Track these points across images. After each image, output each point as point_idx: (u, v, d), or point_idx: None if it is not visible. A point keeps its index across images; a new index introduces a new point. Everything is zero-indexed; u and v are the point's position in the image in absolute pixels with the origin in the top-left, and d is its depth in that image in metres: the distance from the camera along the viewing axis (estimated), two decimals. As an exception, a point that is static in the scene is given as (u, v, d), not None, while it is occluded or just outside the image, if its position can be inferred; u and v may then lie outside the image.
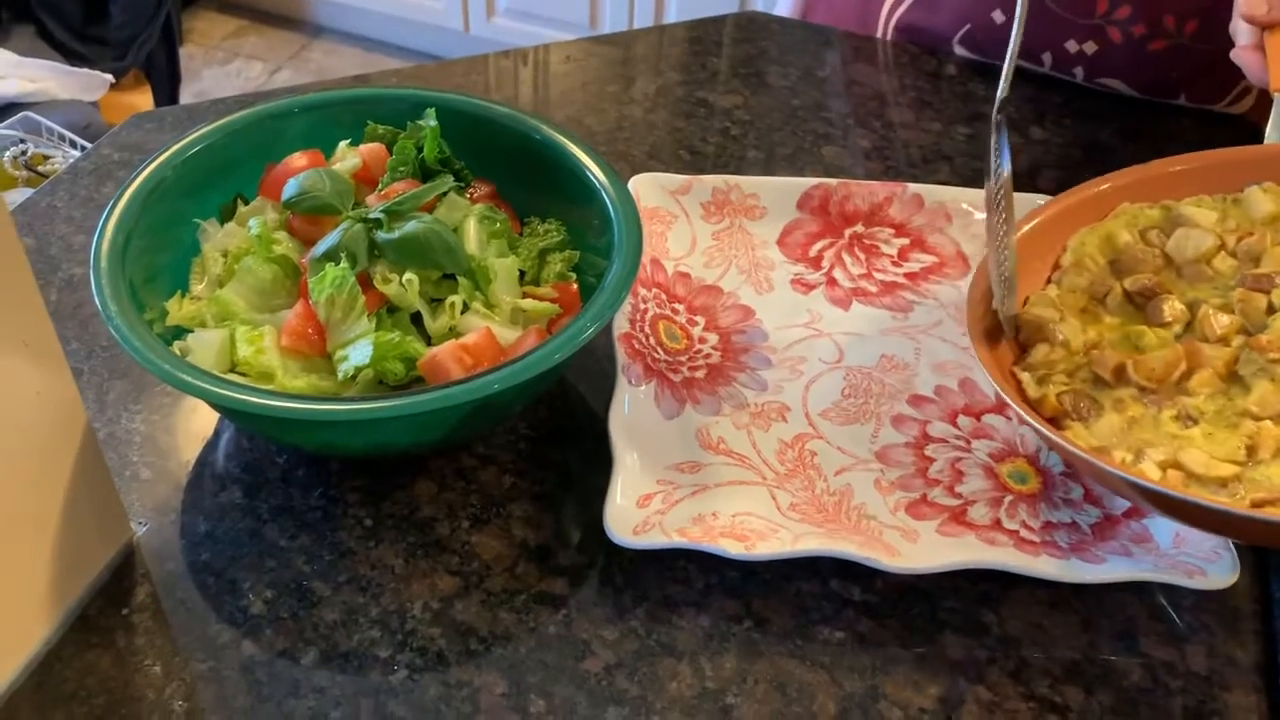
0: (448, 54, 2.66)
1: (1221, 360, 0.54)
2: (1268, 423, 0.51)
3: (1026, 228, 0.61)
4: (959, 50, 0.92)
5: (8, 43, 1.70)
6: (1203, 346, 0.55)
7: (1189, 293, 0.58)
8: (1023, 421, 0.53)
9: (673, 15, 2.30)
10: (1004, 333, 0.58)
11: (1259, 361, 0.53)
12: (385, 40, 2.73)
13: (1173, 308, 0.57)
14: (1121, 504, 0.56)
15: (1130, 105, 0.86)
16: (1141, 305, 0.58)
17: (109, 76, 1.68)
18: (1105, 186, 0.62)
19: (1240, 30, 0.68)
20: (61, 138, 1.49)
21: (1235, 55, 0.68)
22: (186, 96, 2.25)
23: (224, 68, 2.65)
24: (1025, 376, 0.56)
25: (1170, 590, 0.54)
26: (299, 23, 2.81)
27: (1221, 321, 0.55)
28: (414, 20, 2.59)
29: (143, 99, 1.82)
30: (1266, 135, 0.65)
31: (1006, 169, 0.60)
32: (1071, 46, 0.87)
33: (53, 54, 1.72)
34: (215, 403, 0.49)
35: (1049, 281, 0.61)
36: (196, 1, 2.83)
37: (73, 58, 1.73)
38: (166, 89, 1.92)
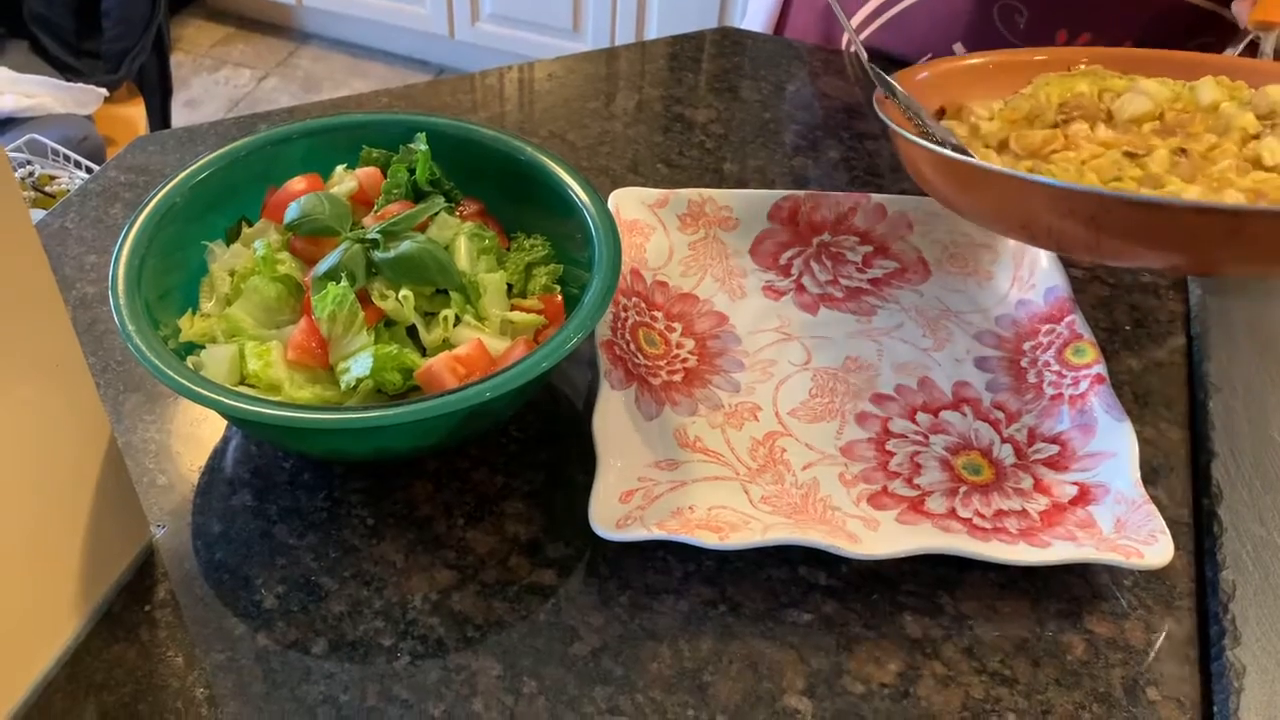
0: (434, 59, 2.69)
1: (1089, 151, 0.60)
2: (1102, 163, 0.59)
3: (995, 59, 0.68)
4: None
5: (2, 59, 1.72)
6: (1080, 139, 0.61)
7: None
8: (886, 128, 0.60)
9: (654, 19, 2.33)
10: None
11: (1114, 155, 0.60)
12: (372, 46, 2.75)
13: (1081, 126, 0.63)
14: (1069, 492, 0.60)
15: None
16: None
17: (103, 90, 1.70)
18: (1081, 56, 0.69)
19: None
20: (66, 158, 1.52)
21: (1235, 6, 0.73)
22: (177, 105, 2.27)
23: (212, 75, 2.67)
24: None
25: (1112, 571, 0.58)
26: (286, 29, 2.83)
27: (1106, 134, 0.61)
28: (400, 26, 2.61)
29: (136, 111, 1.84)
30: None
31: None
32: None
33: (47, 69, 1.74)
34: (229, 414, 0.53)
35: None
36: (184, 10, 2.85)
37: (67, 72, 1.75)
38: (159, 100, 1.94)
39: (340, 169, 0.67)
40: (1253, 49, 0.71)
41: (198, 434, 0.63)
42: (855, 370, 0.67)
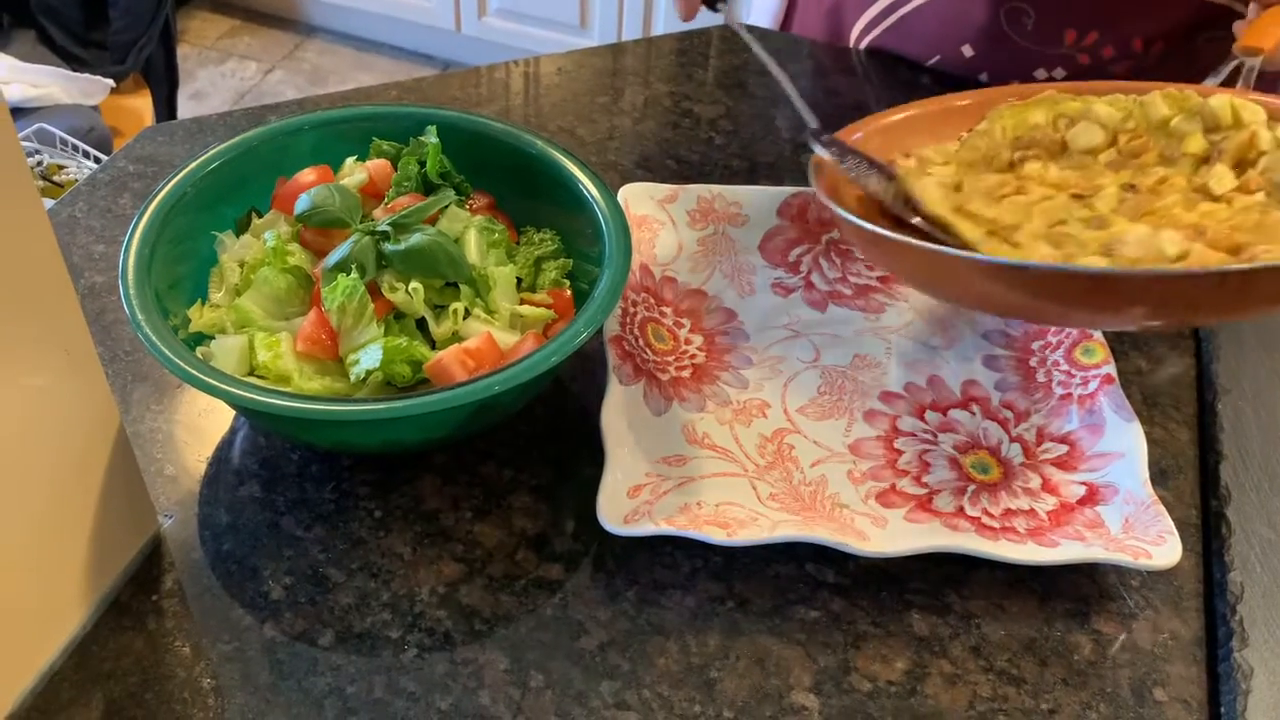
0: (440, 53, 2.68)
1: (1040, 194, 0.59)
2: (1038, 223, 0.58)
3: (925, 110, 0.68)
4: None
5: (9, 48, 1.72)
6: (1032, 181, 0.60)
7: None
8: (820, 200, 0.60)
9: (660, 15, 2.33)
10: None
11: (1062, 199, 0.58)
12: (378, 39, 2.75)
13: (1035, 166, 0.62)
14: (1077, 492, 0.59)
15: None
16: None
17: (110, 81, 1.70)
18: (1008, 94, 0.67)
19: (1251, 9, 0.72)
20: (75, 148, 1.52)
21: (1236, 28, 0.73)
22: (183, 98, 2.27)
23: (218, 68, 2.67)
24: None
25: (1120, 571, 0.58)
26: (292, 22, 2.83)
27: (1056, 175, 0.60)
28: (406, 20, 2.60)
29: (142, 102, 1.84)
30: None
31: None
32: (1040, 75, 0.90)
33: (53, 59, 1.74)
34: (239, 405, 0.53)
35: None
36: (190, 2, 2.84)
37: (73, 62, 1.75)
38: (165, 91, 1.93)
39: (350, 161, 0.67)
40: (1232, 79, 0.70)
41: (205, 424, 0.63)
42: (864, 368, 0.66)
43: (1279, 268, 0.48)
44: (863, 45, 0.98)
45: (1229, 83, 0.68)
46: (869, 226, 0.56)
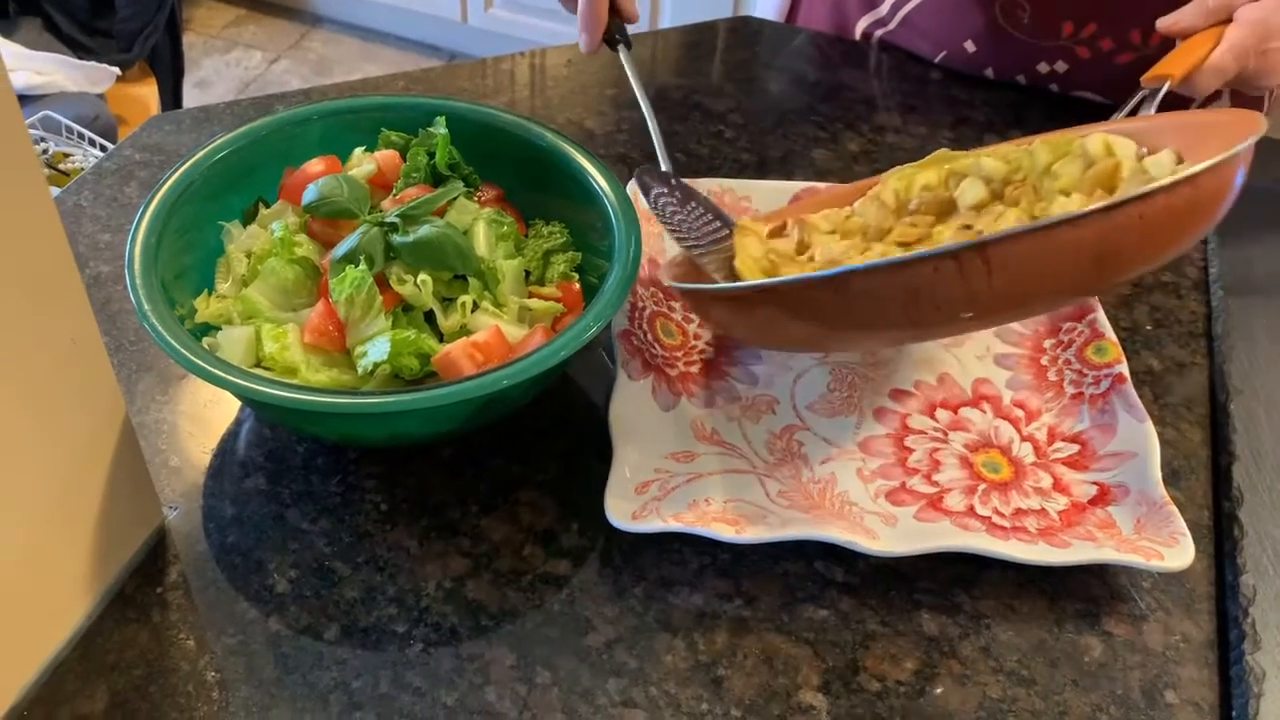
0: (446, 44, 2.67)
1: (879, 251, 0.60)
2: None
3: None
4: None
5: (15, 35, 1.71)
6: (877, 245, 0.61)
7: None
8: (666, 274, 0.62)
9: (668, 7, 2.32)
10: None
11: (886, 247, 0.60)
12: (384, 30, 2.74)
13: (903, 230, 0.62)
14: (1088, 492, 0.59)
15: (1106, 110, 0.89)
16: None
17: (115, 69, 1.69)
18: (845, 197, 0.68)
19: (1177, 43, 0.73)
20: (81, 136, 1.51)
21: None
22: (188, 86, 2.26)
23: (224, 57, 2.66)
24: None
25: (1131, 572, 0.57)
26: (298, 12, 2.82)
27: (901, 233, 0.61)
28: (412, 10, 2.60)
29: (148, 91, 1.83)
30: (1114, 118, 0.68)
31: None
32: (1043, 68, 0.90)
33: (59, 47, 1.73)
34: (246, 396, 0.52)
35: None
36: (196, -10, 2.83)
37: (79, 50, 1.74)
38: (171, 81, 1.93)
39: (359, 151, 0.66)
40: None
41: (211, 416, 0.62)
42: (874, 365, 0.66)
43: (1007, 236, 0.47)
44: (872, 39, 0.98)
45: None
46: (672, 282, 0.59)
